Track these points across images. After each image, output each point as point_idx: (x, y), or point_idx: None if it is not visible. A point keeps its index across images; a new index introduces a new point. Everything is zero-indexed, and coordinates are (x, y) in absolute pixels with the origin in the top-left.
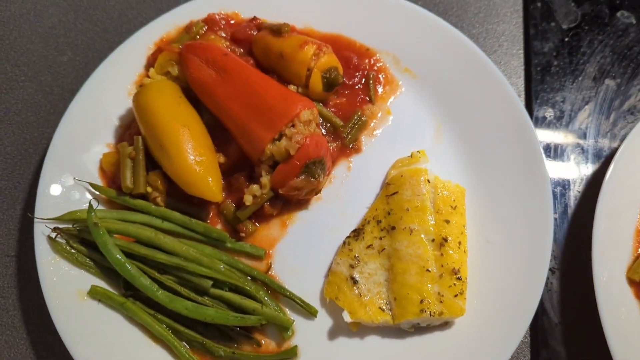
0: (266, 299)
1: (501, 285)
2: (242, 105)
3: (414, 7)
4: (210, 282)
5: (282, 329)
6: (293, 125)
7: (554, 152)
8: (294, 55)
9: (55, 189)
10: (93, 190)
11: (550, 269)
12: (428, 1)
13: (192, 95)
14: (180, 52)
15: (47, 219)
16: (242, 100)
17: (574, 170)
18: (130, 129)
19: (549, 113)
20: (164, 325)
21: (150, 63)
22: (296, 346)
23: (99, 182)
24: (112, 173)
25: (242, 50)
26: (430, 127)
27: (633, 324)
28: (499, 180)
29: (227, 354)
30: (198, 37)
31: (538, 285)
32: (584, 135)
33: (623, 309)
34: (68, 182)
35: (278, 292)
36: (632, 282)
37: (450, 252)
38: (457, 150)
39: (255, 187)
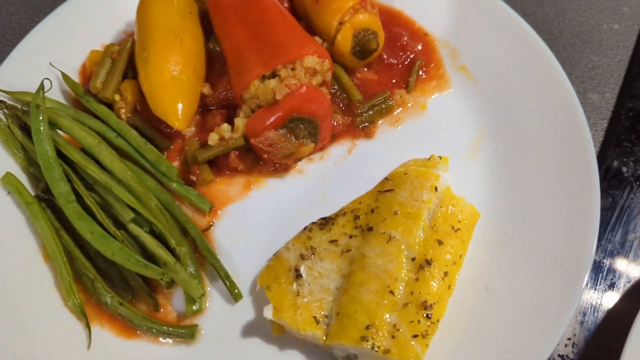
0: (187, 258)
1: (487, 348)
2: (246, 30)
3: (497, 2)
4: (132, 215)
5: (190, 300)
6: (293, 69)
7: (619, 214)
8: (330, 2)
9: (24, 65)
10: (62, 82)
11: (561, 356)
12: (522, 8)
13: (207, 24)
14: None
15: None
16: (249, 26)
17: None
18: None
19: (626, 168)
20: (62, 245)
21: None
22: (196, 326)
23: (75, 78)
24: (91, 73)
25: None
26: (467, 138)
27: None
28: (528, 223)
29: (113, 303)
30: None
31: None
32: None
33: None
34: (41, 63)
35: (204, 257)
36: None
37: (430, 280)
38: (491, 171)
39: (225, 126)
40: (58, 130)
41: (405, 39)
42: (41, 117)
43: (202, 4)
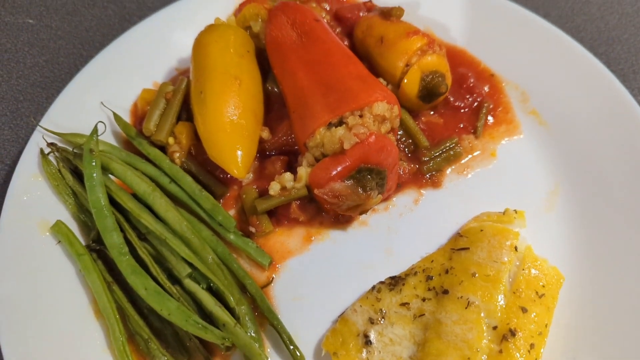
0: (247, 318)
1: None
2: (310, 74)
3: (564, 37)
4: (189, 270)
5: None
6: (361, 116)
7: None
8: (396, 42)
9: (75, 105)
10: (113, 122)
11: None
12: (592, 48)
13: (263, 62)
14: (271, 9)
15: (49, 130)
16: (314, 69)
17: None
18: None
19: None
20: (114, 301)
21: (236, 12)
22: None
23: (127, 118)
24: (143, 113)
25: (340, 29)
26: (543, 189)
27: None
28: (616, 285)
29: None
30: (298, 0)
31: None
32: None
33: None
34: (92, 102)
35: (265, 317)
36: None
37: (515, 352)
38: (571, 227)
39: (288, 175)
40: (110, 175)
41: (472, 80)
42: (94, 163)
43: (258, 42)
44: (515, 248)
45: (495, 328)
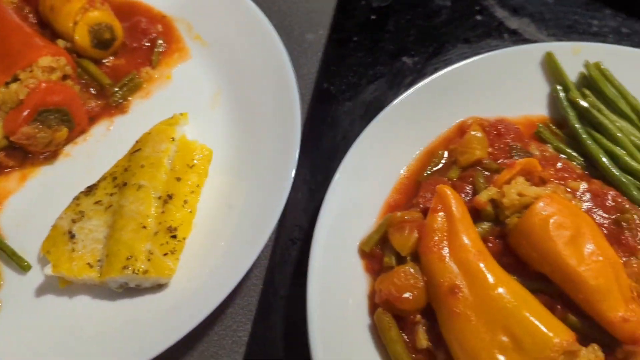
0: None
1: (223, 249)
2: None
3: None
4: None
5: None
6: (31, 72)
7: (332, 122)
8: (62, 7)
9: None
10: None
11: (291, 239)
12: None
13: None
14: None
15: None
16: None
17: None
18: None
19: (335, 87)
20: None
21: None
22: None
23: None
24: None
25: (28, 8)
26: (208, 93)
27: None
28: (253, 152)
29: None
30: None
31: (253, 249)
32: (365, 111)
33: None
34: None
35: None
36: (363, 254)
37: (172, 209)
38: (227, 117)
39: None
40: None
41: (144, 23)
42: None
43: None
44: (173, 139)
45: (160, 197)
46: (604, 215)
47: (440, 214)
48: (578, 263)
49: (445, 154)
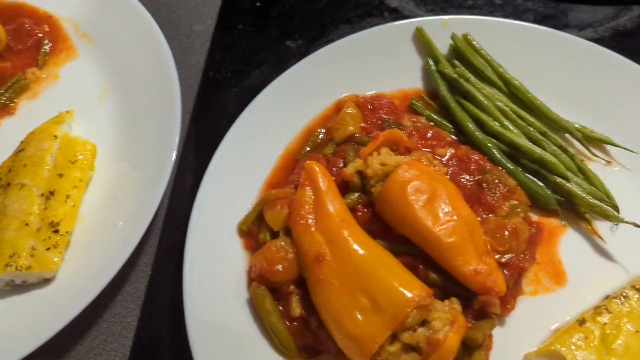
0: None
1: (108, 238)
2: None
3: None
4: None
5: None
6: None
7: (219, 109)
8: None
9: None
10: None
11: (177, 226)
12: None
13: None
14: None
15: None
16: None
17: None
18: None
19: (221, 75)
20: None
21: None
22: None
23: None
24: None
25: None
26: (96, 90)
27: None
28: (136, 138)
29: None
30: None
31: (135, 235)
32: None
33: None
34: None
35: None
36: (242, 232)
37: (55, 205)
38: (114, 111)
39: None
40: None
41: (28, 25)
42: None
43: None
44: (55, 136)
45: (43, 195)
46: (468, 177)
47: (308, 187)
48: (433, 224)
49: (323, 131)
